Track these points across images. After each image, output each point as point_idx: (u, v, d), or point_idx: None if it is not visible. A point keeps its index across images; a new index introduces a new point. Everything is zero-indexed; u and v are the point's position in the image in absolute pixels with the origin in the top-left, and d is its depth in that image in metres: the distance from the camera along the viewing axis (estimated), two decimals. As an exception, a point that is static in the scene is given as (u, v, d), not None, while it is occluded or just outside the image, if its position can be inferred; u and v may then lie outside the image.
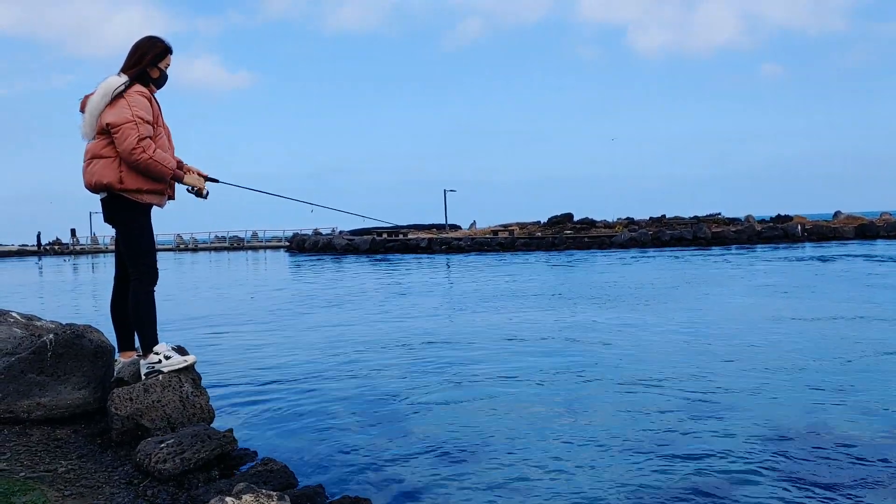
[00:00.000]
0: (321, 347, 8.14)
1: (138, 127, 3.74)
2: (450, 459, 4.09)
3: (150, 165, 3.78)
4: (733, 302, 11.47)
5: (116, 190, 3.84)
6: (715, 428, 4.54)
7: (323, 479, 3.76)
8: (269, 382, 6.26)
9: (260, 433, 4.68)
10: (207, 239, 65.22)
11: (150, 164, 3.78)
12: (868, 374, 5.95)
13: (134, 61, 3.95)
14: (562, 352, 7.42)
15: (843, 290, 12.60)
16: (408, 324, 10.04)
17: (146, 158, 3.76)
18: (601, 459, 4.04)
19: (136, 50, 3.97)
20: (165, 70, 4.06)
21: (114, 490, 3.09)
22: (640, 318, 9.92)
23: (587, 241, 37.31)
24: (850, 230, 36.59)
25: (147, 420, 3.65)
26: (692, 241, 35.45)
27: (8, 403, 3.81)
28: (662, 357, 6.96)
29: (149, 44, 3.99)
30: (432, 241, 40.61)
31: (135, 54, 3.96)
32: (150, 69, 3.98)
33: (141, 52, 3.96)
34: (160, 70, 4.03)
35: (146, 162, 3.76)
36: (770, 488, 3.56)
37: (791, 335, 7.99)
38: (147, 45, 3.99)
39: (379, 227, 44.05)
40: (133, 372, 4.04)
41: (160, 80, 4.07)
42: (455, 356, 7.33)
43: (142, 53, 3.96)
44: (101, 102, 3.81)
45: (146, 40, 4.01)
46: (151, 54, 3.97)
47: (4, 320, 4.65)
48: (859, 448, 4.10)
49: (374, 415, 5.10)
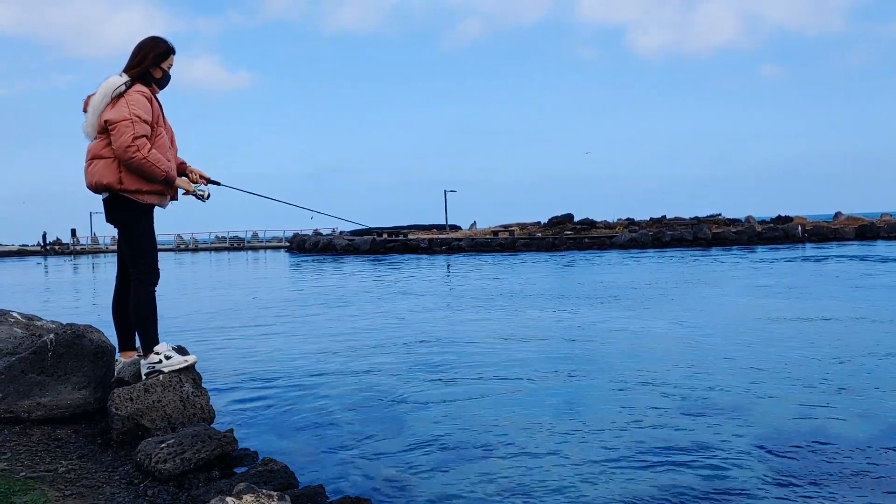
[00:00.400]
0: (321, 348, 8.14)
1: (134, 125, 3.73)
2: (450, 459, 4.10)
3: (143, 165, 3.77)
4: (731, 302, 11.47)
5: (116, 190, 3.84)
6: (713, 428, 4.54)
7: (323, 479, 3.75)
8: (270, 382, 6.26)
9: (260, 433, 4.68)
10: (208, 239, 65.21)
11: (143, 163, 3.76)
12: (863, 374, 5.95)
13: (136, 61, 3.95)
14: (561, 351, 7.41)
15: (839, 291, 12.60)
16: (408, 324, 10.04)
17: (139, 158, 3.74)
18: (600, 459, 4.04)
19: (138, 50, 3.97)
20: (168, 70, 4.06)
21: (114, 490, 3.09)
22: (638, 318, 9.92)
23: (587, 242, 37.31)
24: (851, 231, 36.61)
25: (147, 420, 3.65)
26: (692, 241, 35.45)
27: (8, 403, 3.81)
28: (660, 357, 6.96)
29: (151, 44, 3.99)
30: (432, 241, 40.61)
31: (137, 54, 3.96)
32: (153, 69, 3.98)
33: (144, 52, 3.96)
34: (163, 70, 4.03)
35: (139, 161, 3.75)
36: (768, 489, 3.56)
37: (789, 335, 7.99)
38: (150, 45, 3.99)
39: (380, 228, 44.06)
40: (133, 372, 4.04)
41: (163, 80, 4.06)
42: (455, 356, 7.33)
43: (144, 54, 3.96)
44: (101, 102, 3.82)
45: (149, 40, 4.01)
46: (154, 54, 3.96)
47: (5, 320, 4.66)
48: (857, 449, 4.10)
49: (375, 415, 5.10)
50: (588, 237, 38.52)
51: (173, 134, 4.22)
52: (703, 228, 36.76)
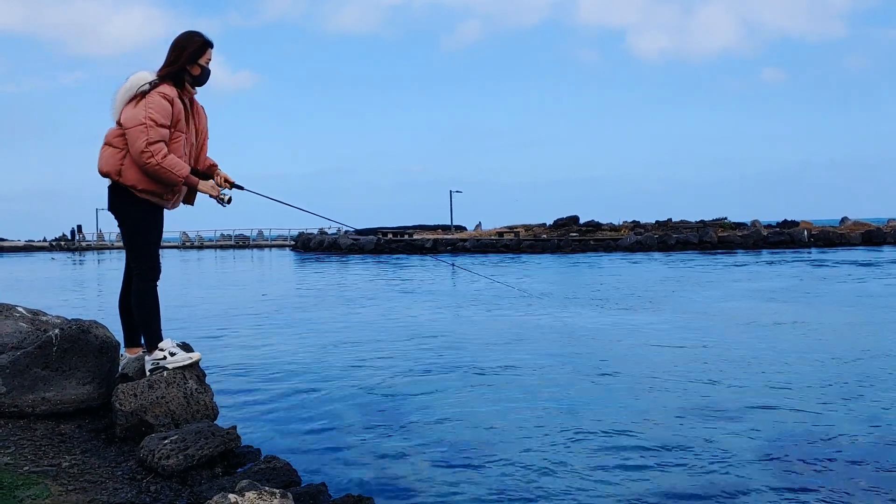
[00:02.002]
0: (326, 346, 8.14)
1: (148, 130, 3.67)
2: (453, 459, 4.09)
3: (158, 171, 3.73)
4: (734, 306, 11.43)
5: (115, 180, 3.85)
6: (713, 431, 4.53)
7: (326, 477, 3.75)
8: (274, 380, 6.27)
9: (263, 431, 4.68)
10: (213, 237, 65.32)
11: (157, 170, 3.72)
12: (864, 378, 5.92)
13: (172, 59, 3.85)
14: (565, 352, 7.40)
15: (843, 296, 12.56)
16: (411, 323, 10.04)
17: (154, 164, 3.70)
18: (602, 461, 4.03)
19: (174, 47, 3.86)
20: (207, 65, 3.93)
21: (117, 486, 3.09)
22: (641, 319, 9.89)
23: (592, 244, 37.25)
24: (857, 236, 36.47)
25: (151, 416, 3.65)
26: (698, 245, 35.36)
27: (13, 398, 3.82)
28: (663, 359, 6.94)
29: (187, 40, 3.87)
30: (437, 241, 40.60)
31: (173, 52, 3.86)
32: (191, 66, 3.87)
33: (179, 49, 3.85)
34: (201, 67, 3.90)
35: (154, 167, 3.71)
36: (769, 492, 3.55)
37: (789, 340, 7.96)
38: (185, 41, 3.87)
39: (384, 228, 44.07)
40: (138, 368, 4.04)
41: (202, 76, 3.94)
42: (458, 356, 7.33)
43: (180, 51, 3.84)
44: (125, 95, 3.79)
45: (184, 37, 3.89)
46: (189, 51, 3.85)
47: (10, 315, 4.67)
48: (856, 453, 4.08)
49: (378, 413, 5.10)
50: (593, 239, 38.46)
51: (206, 135, 4.13)
52: (709, 232, 36.67)
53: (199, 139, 4.11)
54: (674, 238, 36.10)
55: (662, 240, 36.13)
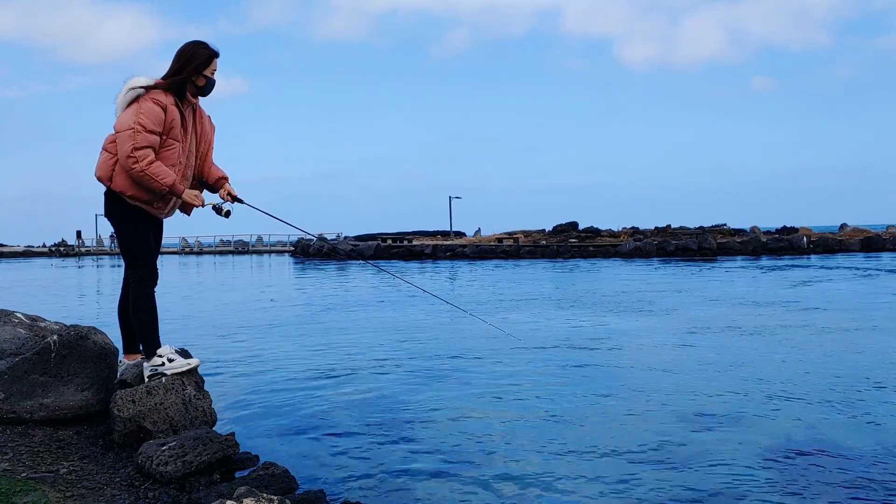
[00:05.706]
0: (324, 352, 8.14)
1: (135, 136, 3.66)
2: (451, 466, 4.09)
3: (142, 178, 3.71)
4: (733, 311, 11.43)
5: (107, 186, 3.86)
6: (713, 438, 4.53)
7: (324, 483, 3.75)
8: (272, 387, 6.26)
9: (262, 437, 4.68)
10: (212, 242, 65.29)
11: (142, 176, 3.70)
12: (862, 385, 5.92)
13: (176, 69, 3.84)
14: (564, 358, 7.40)
15: (844, 301, 12.56)
16: (409, 329, 10.03)
17: (138, 170, 3.68)
18: (600, 469, 4.03)
19: (179, 57, 3.86)
20: (212, 76, 3.93)
21: (115, 492, 3.09)
22: (638, 325, 9.89)
23: (592, 250, 37.27)
24: (856, 243, 36.52)
25: (149, 422, 3.65)
26: (697, 251, 35.39)
27: (11, 404, 3.82)
28: (661, 366, 6.94)
29: (193, 53, 3.85)
30: (437, 248, 40.62)
31: (178, 61, 3.85)
32: (196, 78, 3.87)
33: (184, 60, 3.84)
34: (206, 77, 3.90)
35: (138, 173, 3.70)
36: (770, 496, 3.55)
37: (789, 342, 7.96)
38: (192, 54, 3.85)
39: (384, 234, 44.08)
40: (136, 374, 4.04)
41: (206, 87, 3.94)
42: (456, 362, 7.33)
43: (185, 62, 3.83)
44: (122, 99, 3.81)
45: (190, 48, 3.87)
46: (195, 63, 3.83)
47: (9, 321, 4.67)
48: (854, 460, 4.08)
49: (376, 420, 5.09)
50: (592, 245, 38.47)
51: (210, 145, 4.12)
52: (708, 238, 36.71)
53: (201, 149, 4.09)
54: (673, 244, 36.12)
55: (661, 246, 36.15)
